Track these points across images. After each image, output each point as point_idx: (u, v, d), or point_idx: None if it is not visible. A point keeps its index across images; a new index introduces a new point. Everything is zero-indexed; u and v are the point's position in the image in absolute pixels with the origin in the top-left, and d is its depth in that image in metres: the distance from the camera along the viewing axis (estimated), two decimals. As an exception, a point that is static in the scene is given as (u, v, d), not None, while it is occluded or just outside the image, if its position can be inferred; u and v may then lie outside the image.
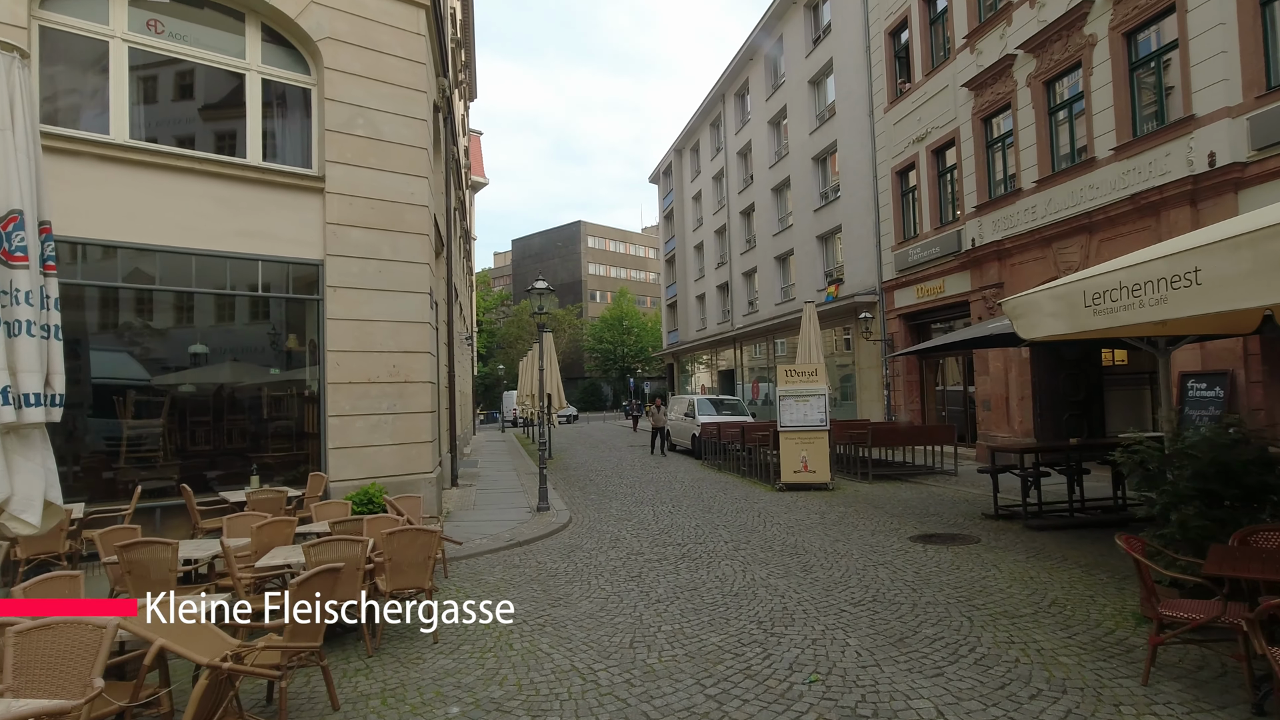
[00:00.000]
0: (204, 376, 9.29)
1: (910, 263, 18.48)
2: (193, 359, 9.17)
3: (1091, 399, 15.13)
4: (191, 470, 8.95)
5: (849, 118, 21.87)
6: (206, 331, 9.28)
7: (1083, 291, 4.21)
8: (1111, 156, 12.19)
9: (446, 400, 14.55)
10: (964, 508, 10.41)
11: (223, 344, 9.46)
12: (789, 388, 13.25)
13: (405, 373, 10.22)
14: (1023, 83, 14.29)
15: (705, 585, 6.64)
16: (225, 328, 9.45)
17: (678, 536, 9.11)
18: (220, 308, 9.33)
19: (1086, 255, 12.82)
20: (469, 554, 8.43)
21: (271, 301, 9.59)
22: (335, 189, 9.74)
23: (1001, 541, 7.95)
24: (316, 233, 9.65)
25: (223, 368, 9.47)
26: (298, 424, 9.94)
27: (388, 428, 10.04)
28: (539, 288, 11.55)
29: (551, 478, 15.93)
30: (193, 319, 9.19)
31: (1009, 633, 4.97)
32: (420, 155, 10.57)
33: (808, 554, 7.77)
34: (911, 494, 12.05)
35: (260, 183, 9.22)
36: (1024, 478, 8.70)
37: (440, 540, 7.25)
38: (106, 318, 8.68)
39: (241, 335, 9.64)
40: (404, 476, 10.14)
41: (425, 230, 10.52)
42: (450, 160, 15.94)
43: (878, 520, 9.62)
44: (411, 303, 10.36)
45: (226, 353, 9.51)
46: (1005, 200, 14.89)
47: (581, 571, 7.43)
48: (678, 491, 13.29)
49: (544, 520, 10.53)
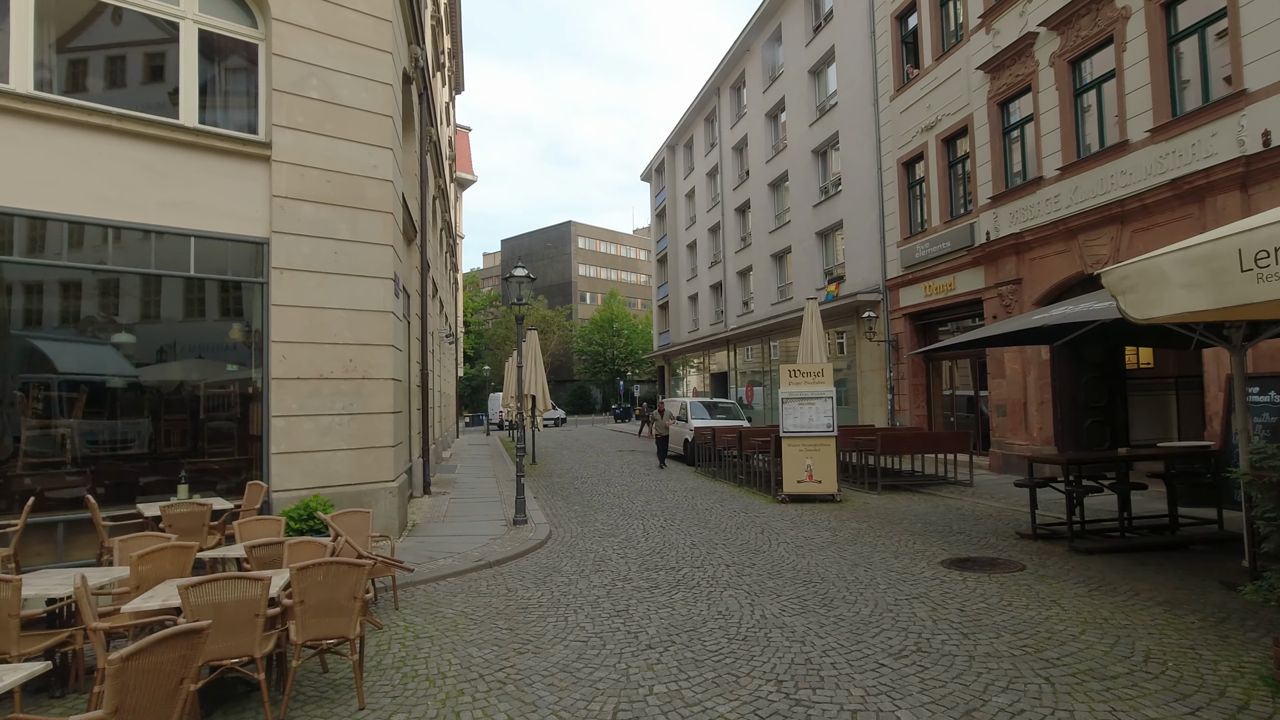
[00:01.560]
0: (127, 370, 8.04)
1: (917, 259, 17.41)
2: (115, 350, 7.91)
3: (1114, 405, 14.08)
4: (110, 478, 7.71)
5: (852, 108, 20.82)
6: (130, 319, 8.03)
7: (1238, 250, 3.09)
8: (1147, 139, 11.15)
9: (419, 400, 13.33)
10: (991, 524, 9.29)
11: (149, 333, 8.20)
12: (793, 389, 12.11)
13: (364, 368, 9.02)
14: (1045, 62, 13.25)
15: (706, 624, 5.47)
16: (151, 314, 8.20)
17: (671, 557, 7.94)
18: (146, 291, 8.07)
19: (1117, 248, 11.77)
20: (429, 578, 7.22)
21: (207, 285, 8.36)
22: (284, 157, 8.53)
23: (1050, 568, 6.82)
24: (261, 207, 8.44)
25: (150, 360, 8.22)
26: (240, 425, 8.70)
27: (342, 430, 8.83)
28: (518, 275, 10.37)
29: (533, 485, 14.73)
30: (114, 304, 7.94)
31: (1108, 703, 3.83)
32: (384, 124, 9.38)
33: (824, 582, 6.62)
34: (927, 507, 10.93)
35: (194, 147, 7.99)
36: (1070, 493, 7.58)
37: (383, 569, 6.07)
38: (7, 301, 7.43)
39: (172, 323, 8.38)
40: (361, 486, 8.93)
41: (389, 208, 9.33)
42: (427, 142, 14.74)
43: (898, 539, 8.48)
44: (372, 289, 9.16)
45: (154, 343, 8.25)
46: (1024, 190, 13.84)
47: (558, 603, 6.24)
48: (670, 503, 12.11)
49: (520, 536, 9.33)
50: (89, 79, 8.07)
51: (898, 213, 18.59)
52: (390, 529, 9.08)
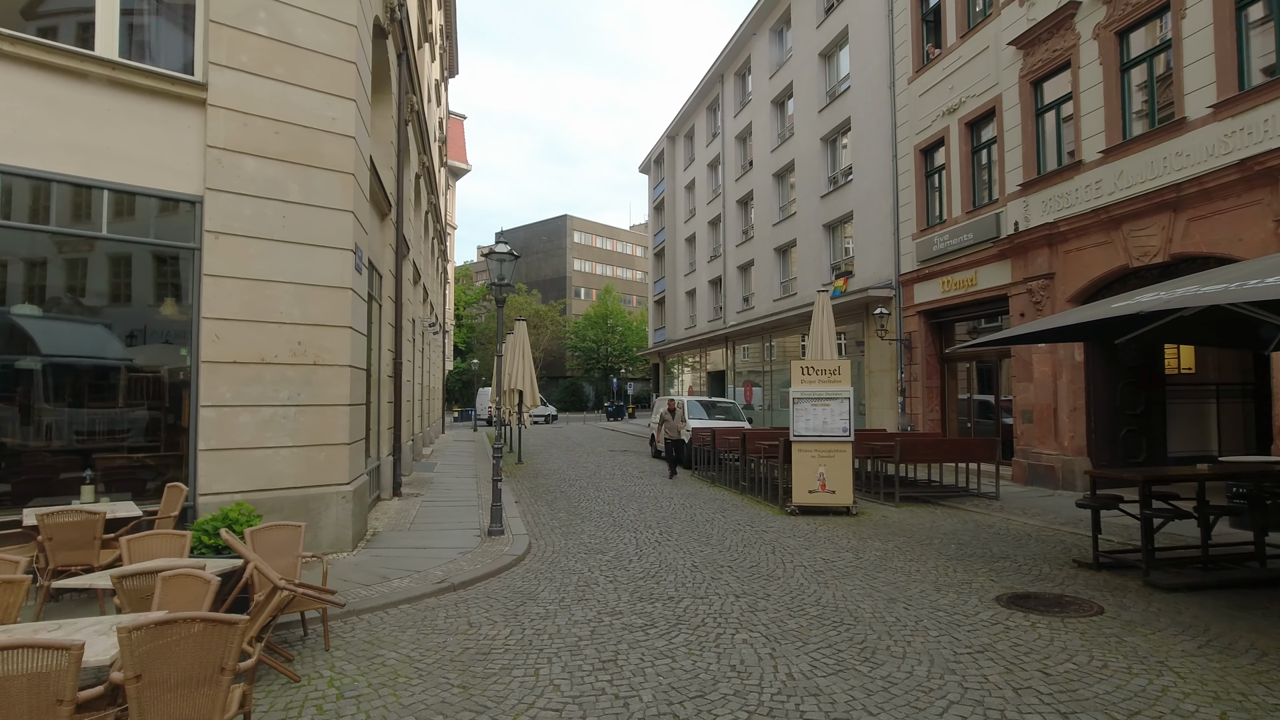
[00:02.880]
0: (28, 348, 6.73)
1: (935, 252, 16.20)
2: (13, 325, 6.58)
3: (1151, 413, 12.90)
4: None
5: (865, 92, 19.60)
6: (33, 288, 6.72)
7: None
8: (1209, 115, 9.95)
9: (390, 392, 12.05)
10: (1036, 548, 8.09)
11: (58, 306, 6.89)
12: (805, 389, 10.87)
13: (316, 352, 7.75)
14: (1088, 35, 12.04)
15: (717, 687, 4.23)
16: (59, 283, 6.89)
17: (668, 583, 6.70)
18: (55, 255, 6.77)
19: (1169, 238, 10.58)
20: (377, 605, 5.96)
21: (125, 249, 7.06)
22: (223, 102, 7.24)
23: (1133, 610, 5.60)
24: (193, 159, 7.15)
25: (53, 336, 6.92)
26: (168, 416, 7.41)
27: (287, 424, 7.56)
28: (500, 251, 9.10)
29: (516, 488, 13.46)
30: (14, 270, 6.63)
31: None
32: (346, 71, 8.10)
33: (858, 623, 5.39)
34: (955, 524, 9.72)
35: (110, 83, 6.69)
36: (1150, 518, 6.35)
37: (306, 600, 4.81)
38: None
39: (85, 294, 7.08)
40: (309, 490, 7.67)
41: (349, 168, 8.05)
42: (408, 110, 13.44)
43: (935, 566, 7.26)
44: (328, 261, 7.89)
45: (58, 316, 6.94)
46: (1060, 176, 12.64)
47: (529, 646, 4.99)
48: (665, 512, 10.87)
49: (494, 550, 8.07)
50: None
51: (914, 203, 17.37)
52: (341, 541, 7.82)
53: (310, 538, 7.59)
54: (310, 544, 7.59)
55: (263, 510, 7.25)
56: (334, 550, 7.75)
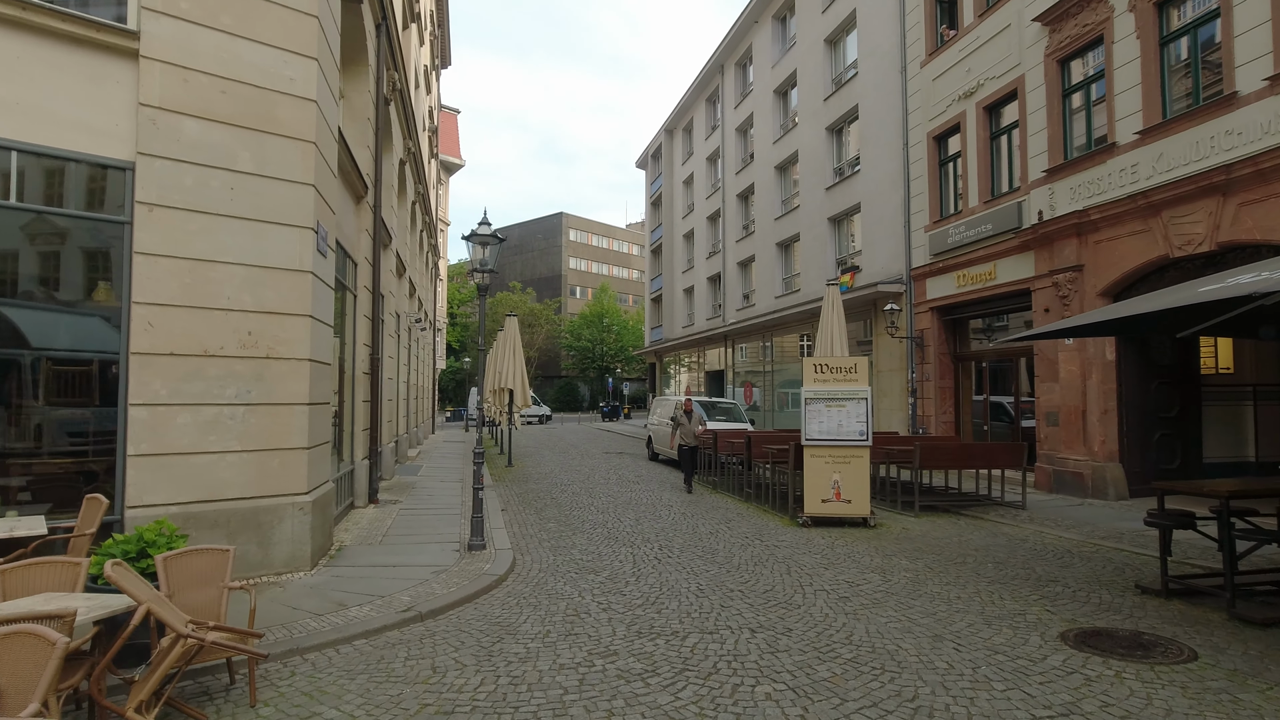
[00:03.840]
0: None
1: (949, 244, 15.29)
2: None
3: (1186, 415, 12.03)
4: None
5: (874, 77, 18.69)
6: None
7: None
8: (1264, 89, 9.06)
9: (365, 391, 11.08)
10: (1084, 567, 7.17)
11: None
12: (819, 388, 9.95)
13: (269, 344, 6.79)
14: (1123, 7, 11.14)
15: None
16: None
17: (671, 613, 5.76)
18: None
19: (1216, 224, 9.69)
20: (328, 640, 5.00)
21: (42, 222, 6.09)
22: (159, 54, 6.29)
23: (1233, 655, 4.67)
24: (124, 119, 6.18)
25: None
26: (95, 417, 6.43)
27: (235, 426, 6.60)
28: (481, 234, 8.14)
29: (503, 493, 12.51)
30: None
31: None
32: (307, 25, 7.15)
33: (903, 671, 4.45)
34: (984, 537, 8.81)
35: (22, 26, 5.73)
36: (1233, 540, 5.43)
37: (215, 650, 3.87)
38: None
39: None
40: (259, 501, 6.70)
41: (309, 136, 7.09)
42: (389, 87, 12.49)
43: (976, 590, 6.34)
44: (284, 240, 6.93)
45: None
46: (1090, 160, 11.74)
47: (502, 703, 4.05)
48: (665, 523, 9.92)
49: (472, 568, 7.12)
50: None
51: (926, 193, 16.46)
52: (298, 559, 6.85)
53: (261, 555, 6.66)
54: (261, 563, 6.66)
55: (205, 525, 6.35)
56: (289, 569, 6.79)
